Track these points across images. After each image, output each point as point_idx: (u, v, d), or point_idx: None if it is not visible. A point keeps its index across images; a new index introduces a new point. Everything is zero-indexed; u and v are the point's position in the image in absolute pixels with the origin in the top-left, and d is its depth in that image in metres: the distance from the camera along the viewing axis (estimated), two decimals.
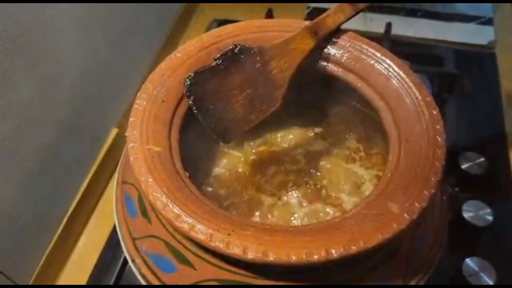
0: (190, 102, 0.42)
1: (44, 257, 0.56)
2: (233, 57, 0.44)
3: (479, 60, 0.81)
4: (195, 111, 0.42)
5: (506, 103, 0.73)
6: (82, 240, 0.62)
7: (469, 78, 0.76)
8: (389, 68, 0.43)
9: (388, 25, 0.79)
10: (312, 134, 0.51)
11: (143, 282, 0.40)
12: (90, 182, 0.63)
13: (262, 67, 0.44)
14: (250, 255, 0.31)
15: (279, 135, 0.51)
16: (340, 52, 0.45)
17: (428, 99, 0.40)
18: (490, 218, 0.57)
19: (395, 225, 0.32)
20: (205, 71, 0.43)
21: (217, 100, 0.44)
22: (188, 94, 0.42)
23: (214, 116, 0.44)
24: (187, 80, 0.42)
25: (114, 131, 0.68)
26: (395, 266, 0.37)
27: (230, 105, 0.44)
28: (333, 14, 0.44)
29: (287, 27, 0.47)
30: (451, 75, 0.74)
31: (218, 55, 0.44)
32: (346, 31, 0.45)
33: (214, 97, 0.43)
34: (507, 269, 0.54)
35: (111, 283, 0.55)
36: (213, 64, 0.43)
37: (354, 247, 0.31)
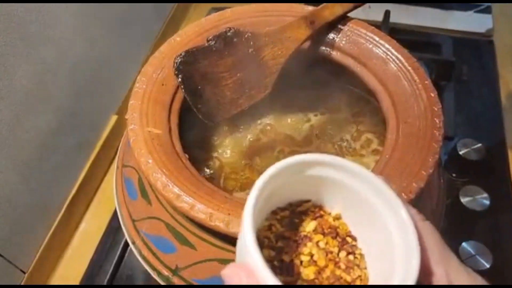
0: (179, 80, 0.42)
1: (45, 242, 0.56)
2: (226, 40, 0.44)
3: (477, 47, 0.81)
4: (183, 90, 0.42)
5: (503, 90, 0.74)
6: (83, 225, 0.62)
7: (467, 66, 0.76)
8: (388, 52, 0.43)
9: (387, 13, 0.79)
10: (310, 118, 0.51)
11: (143, 264, 0.40)
12: (90, 168, 0.63)
13: (255, 52, 0.44)
14: None
15: (276, 119, 0.51)
16: (339, 36, 0.45)
17: (426, 82, 0.40)
18: (487, 202, 0.58)
19: None
20: (196, 51, 0.43)
21: (207, 82, 0.44)
22: (176, 72, 0.42)
23: (201, 97, 0.43)
24: (177, 58, 0.42)
25: (113, 118, 0.68)
26: None
27: (219, 87, 0.44)
28: (332, 6, 0.44)
29: (287, 12, 0.47)
30: (449, 63, 0.74)
31: (210, 37, 0.43)
32: (344, 16, 0.45)
33: (204, 78, 0.43)
34: (502, 252, 0.54)
35: (112, 267, 0.56)
36: (205, 45, 0.43)
37: None
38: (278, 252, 0.27)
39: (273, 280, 0.21)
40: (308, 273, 0.26)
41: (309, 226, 0.28)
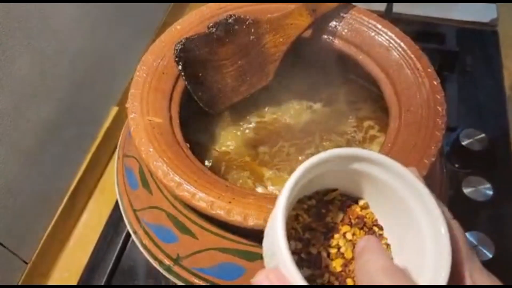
0: (179, 67, 0.41)
1: (47, 232, 0.56)
2: (227, 27, 0.43)
3: (481, 38, 0.80)
4: (183, 77, 0.41)
5: (507, 80, 0.73)
6: (85, 215, 0.63)
7: (471, 56, 0.76)
8: (390, 40, 0.43)
9: (390, 3, 0.78)
10: (312, 107, 0.51)
11: (145, 253, 0.40)
12: (91, 159, 0.63)
13: (256, 39, 0.44)
14: (251, 222, 0.31)
15: (279, 109, 0.51)
16: (341, 24, 0.45)
17: (429, 70, 0.40)
18: (490, 193, 0.57)
19: None
20: (197, 39, 0.42)
21: (208, 69, 0.43)
22: (177, 59, 0.41)
23: (202, 84, 0.43)
24: (178, 45, 0.41)
25: (114, 109, 0.68)
26: None
27: (221, 75, 0.44)
28: None
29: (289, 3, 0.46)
30: (452, 53, 0.74)
31: (211, 24, 0.43)
32: (346, 4, 0.45)
33: (205, 65, 0.43)
34: (505, 243, 0.54)
35: (114, 257, 0.56)
36: (206, 32, 0.43)
37: None
38: (305, 244, 0.27)
39: None
40: (335, 266, 0.26)
41: (336, 216, 0.28)
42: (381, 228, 0.28)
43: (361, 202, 0.29)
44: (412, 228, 0.25)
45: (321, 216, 0.28)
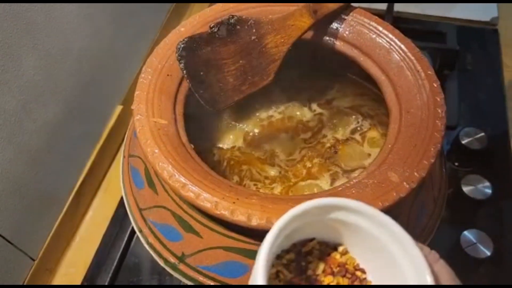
0: (181, 65, 0.42)
1: (53, 230, 0.57)
2: (229, 27, 0.44)
3: (481, 36, 0.80)
4: (185, 76, 0.42)
5: (507, 79, 0.74)
6: (90, 213, 0.64)
7: (471, 55, 0.76)
8: (391, 42, 0.43)
9: (391, 2, 0.79)
10: (314, 108, 0.52)
11: (150, 251, 0.41)
12: (97, 157, 0.64)
13: (257, 40, 0.44)
14: (254, 222, 0.32)
15: (280, 109, 0.52)
16: (342, 26, 0.45)
17: (429, 72, 0.41)
18: (489, 191, 0.58)
19: (394, 194, 0.34)
20: (199, 38, 0.43)
21: (209, 68, 0.44)
22: (179, 58, 0.42)
23: (204, 83, 0.43)
24: (180, 44, 0.42)
25: (118, 108, 0.69)
26: None
27: (222, 74, 0.44)
28: None
29: (291, 4, 0.47)
30: (453, 52, 0.74)
31: (213, 24, 0.43)
32: (348, 6, 0.45)
33: (207, 64, 0.43)
34: (503, 241, 0.55)
35: (119, 255, 0.57)
36: (208, 32, 0.43)
37: None
38: None
39: None
40: None
41: (317, 268, 0.28)
42: (363, 272, 0.28)
43: (340, 248, 0.29)
44: (395, 271, 0.26)
45: (302, 269, 0.28)
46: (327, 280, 0.27)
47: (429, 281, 0.23)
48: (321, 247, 0.29)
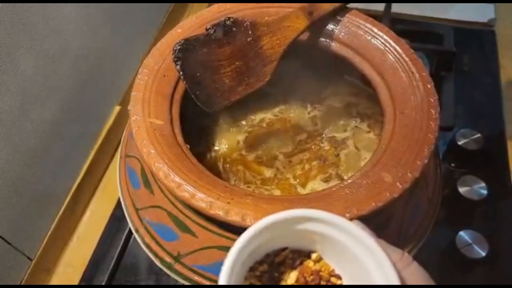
0: (177, 67, 0.42)
1: (51, 230, 0.58)
2: (225, 29, 0.44)
3: (478, 38, 0.81)
4: (182, 76, 0.42)
5: (504, 80, 0.74)
6: (88, 213, 0.64)
7: (468, 56, 0.77)
8: (386, 43, 0.43)
9: (388, 3, 0.79)
10: (309, 109, 0.52)
11: (146, 251, 0.41)
12: (94, 158, 0.64)
13: (253, 41, 0.45)
14: (249, 222, 0.33)
15: (276, 110, 0.52)
16: (338, 27, 0.46)
17: (423, 73, 0.41)
18: (484, 192, 0.58)
19: (388, 194, 0.34)
20: (195, 40, 0.43)
21: (205, 69, 0.44)
22: (175, 59, 0.42)
23: (200, 84, 0.44)
24: (176, 45, 0.42)
25: (116, 109, 0.69)
26: (389, 234, 0.38)
27: (218, 75, 0.45)
28: None
29: (287, 5, 0.47)
30: (450, 53, 0.74)
31: (209, 26, 0.44)
32: (343, 7, 0.46)
33: (203, 65, 0.44)
34: (498, 241, 0.55)
35: (116, 255, 0.57)
36: (204, 33, 0.44)
37: (348, 215, 0.33)
38: None
39: None
40: None
41: (290, 278, 0.27)
42: (339, 277, 0.28)
43: (313, 256, 0.28)
44: (367, 276, 0.26)
45: (275, 280, 0.27)
46: None
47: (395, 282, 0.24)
48: (294, 255, 0.28)
